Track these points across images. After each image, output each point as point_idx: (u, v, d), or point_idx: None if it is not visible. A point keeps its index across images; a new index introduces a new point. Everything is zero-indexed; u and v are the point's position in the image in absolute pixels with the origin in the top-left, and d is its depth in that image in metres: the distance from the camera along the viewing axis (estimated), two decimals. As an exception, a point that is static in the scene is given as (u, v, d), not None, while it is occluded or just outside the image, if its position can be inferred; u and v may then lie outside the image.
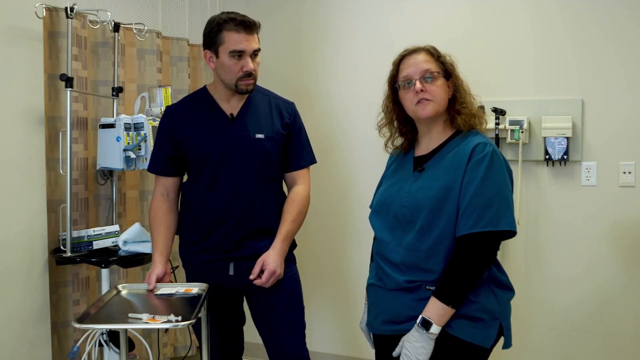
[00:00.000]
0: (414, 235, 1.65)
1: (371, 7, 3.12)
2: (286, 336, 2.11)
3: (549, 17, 2.76)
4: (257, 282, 2.00)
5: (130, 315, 1.68)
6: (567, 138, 2.69)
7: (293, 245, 2.17)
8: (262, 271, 2.01)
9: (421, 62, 1.69)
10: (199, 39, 3.31)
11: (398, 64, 1.75)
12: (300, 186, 2.15)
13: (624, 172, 2.65)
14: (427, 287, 1.63)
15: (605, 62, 2.67)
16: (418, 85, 1.66)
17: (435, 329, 1.57)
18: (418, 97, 1.67)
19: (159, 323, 1.61)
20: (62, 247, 2.51)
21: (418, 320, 1.59)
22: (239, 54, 1.96)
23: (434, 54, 1.72)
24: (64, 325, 2.62)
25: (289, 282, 2.11)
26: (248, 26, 1.96)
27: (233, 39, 1.95)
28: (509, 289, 1.71)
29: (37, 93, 2.46)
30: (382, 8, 3.09)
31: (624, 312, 2.68)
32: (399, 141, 1.84)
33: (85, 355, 2.41)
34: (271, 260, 2.00)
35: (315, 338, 3.20)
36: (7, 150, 2.33)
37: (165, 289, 1.94)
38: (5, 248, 2.31)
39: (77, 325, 1.61)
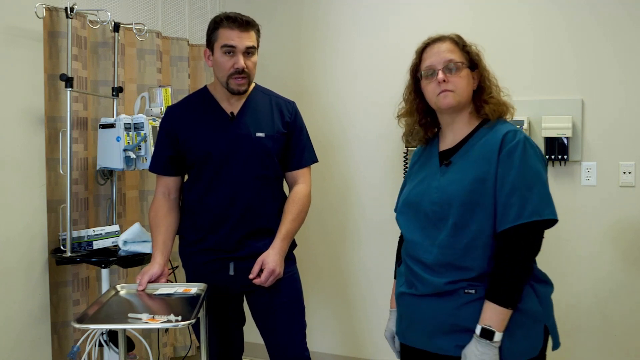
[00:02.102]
0: (447, 232, 1.54)
1: (371, 7, 3.12)
2: (286, 336, 2.11)
3: (549, 17, 2.76)
4: (257, 281, 2.00)
5: (130, 315, 1.67)
6: (567, 138, 2.69)
7: (293, 244, 2.17)
8: (261, 270, 2.01)
9: (445, 51, 1.60)
10: (199, 39, 3.34)
11: (421, 52, 1.65)
12: (301, 185, 2.15)
13: (624, 172, 2.65)
14: (466, 291, 1.52)
15: (605, 62, 2.67)
16: (440, 75, 1.58)
17: (498, 337, 1.45)
18: (440, 88, 1.58)
19: (159, 323, 1.61)
20: (62, 247, 2.51)
21: (477, 332, 1.47)
22: (230, 50, 1.98)
23: (459, 43, 1.63)
24: (64, 325, 2.62)
25: (289, 282, 2.11)
26: (241, 23, 1.99)
27: (225, 35, 1.98)
28: (547, 283, 1.61)
29: (37, 93, 2.46)
30: (381, 8, 3.10)
31: (624, 311, 2.68)
32: (419, 134, 1.74)
33: (85, 355, 2.41)
34: (270, 260, 2.00)
35: (315, 338, 3.20)
36: (7, 150, 2.33)
37: (164, 289, 1.94)
38: (5, 248, 2.31)
39: (77, 325, 1.60)
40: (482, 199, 1.52)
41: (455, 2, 2.93)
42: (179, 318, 1.63)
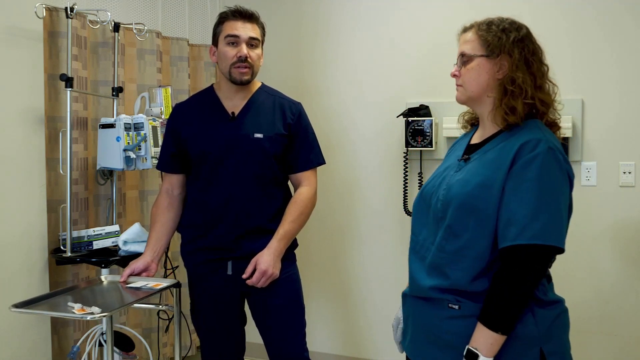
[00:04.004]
0: (441, 234, 1.46)
1: (371, 6, 3.12)
2: (286, 336, 2.11)
3: (549, 16, 2.76)
4: (250, 281, 2.00)
5: (69, 304, 1.78)
6: (567, 138, 2.69)
7: (294, 245, 2.17)
8: (255, 271, 2.01)
9: (463, 42, 1.55)
10: (199, 39, 3.34)
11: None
12: (305, 187, 2.14)
13: (624, 172, 2.66)
14: (450, 305, 1.43)
15: (604, 62, 2.67)
16: (453, 69, 1.55)
17: None
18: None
19: (81, 314, 1.73)
20: (62, 247, 2.50)
21: (465, 353, 1.38)
22: (234, 40, 2.01)
23: (481, 30, 1.53)
24: (64, 325, 2.62)
25: (288, 282, 2.11)
26: (245, 15, 2.03)
27: (229, 26, 2.03)
28: (552, 304, 1.47)
29: (37, 93, 2.45)
30: (382, 7, 3.09)
31: (625, 312, 2.68)
32: (466, 117, 1.69)
33: (85, 356, 2.41)
34: (263, 260, 2.00)
35: (315, 338, 3.20)
36: (7, 150, 2.33)
37: (139, 282, 2.04)
38: (5, 248, 2.31)
39: (14, 310, 1.74)
40: (480, 207, 1.40)
41: (456, 2, 2.92)
42: (98, 310, 1.74)
